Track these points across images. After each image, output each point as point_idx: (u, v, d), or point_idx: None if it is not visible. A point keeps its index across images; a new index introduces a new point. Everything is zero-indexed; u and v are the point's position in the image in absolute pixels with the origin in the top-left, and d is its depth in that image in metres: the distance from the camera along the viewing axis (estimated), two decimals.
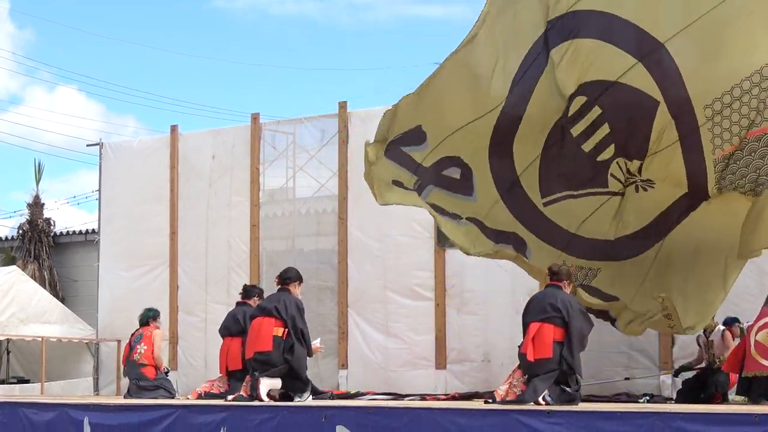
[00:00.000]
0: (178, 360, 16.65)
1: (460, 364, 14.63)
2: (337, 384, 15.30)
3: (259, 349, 10.93)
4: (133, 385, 13.17)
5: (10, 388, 17.76)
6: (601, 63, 9.33)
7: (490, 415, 8.79)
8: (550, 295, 10.21)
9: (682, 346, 13.27)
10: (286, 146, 16.46)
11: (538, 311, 10.13)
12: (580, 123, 9.68)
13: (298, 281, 11.44)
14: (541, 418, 8.38)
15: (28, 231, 22.44)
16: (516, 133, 9.97)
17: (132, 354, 13.29)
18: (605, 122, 9.59)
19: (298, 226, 16.21)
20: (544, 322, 10.02)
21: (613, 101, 9.43)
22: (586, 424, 8.14)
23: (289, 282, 11.33)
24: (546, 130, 9.89)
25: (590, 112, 9.57)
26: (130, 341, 13.51)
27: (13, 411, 11.94)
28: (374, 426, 9.12)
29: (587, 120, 9.61)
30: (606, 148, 9.78)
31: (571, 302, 10.16)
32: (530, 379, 9.92)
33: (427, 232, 14.97)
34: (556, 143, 9.93)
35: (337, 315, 15.49)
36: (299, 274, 11.53)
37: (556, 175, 10.23)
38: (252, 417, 9.94)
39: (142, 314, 13.66)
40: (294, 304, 11.09)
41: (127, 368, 13.45)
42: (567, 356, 9.93)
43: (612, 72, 9.32)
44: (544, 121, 9.83)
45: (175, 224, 17.05)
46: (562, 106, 9.61)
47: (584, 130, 9.71)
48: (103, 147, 18.04)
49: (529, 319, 10.17)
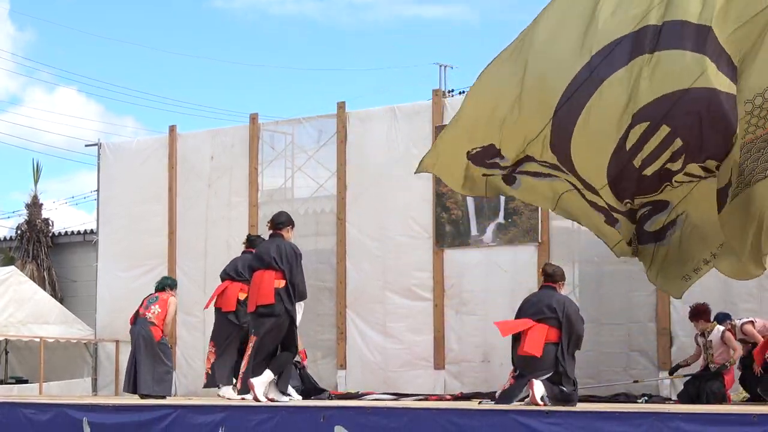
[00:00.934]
0: (176, 360, 16.65)
1: (458, 365, 14.64)
2: (335, 384, 15.32)
3: (261, 302, 10.92)
4: (141, 339, 13.28)
5: (9, 388, 17.77)
6: (676, 72, 9.04)
7: (489, 415, 8.79)
8: (545, 296, 10.17)
9: (680, 347, 13.29)
10: (285, 146, 16.48)
11: (533, 312, 10.08)
12: (643, 150, 9.34)
13: (291, 225, 11.41)
14: (539, 419, 8.38)
15: (27, 231, 22.45)
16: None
17: (145, 312, 13.39)
18: (677, 137, 9.30)
19: (296, 226, 16.11)
20: (539, 322, 9.99)
21: (687, 111, 9.09)
22: (584, 425, 8.14)
23: (281, 227, 11.29)
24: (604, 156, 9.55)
25: (654, 135, 9.25)
26: (143, 302, 13.59)
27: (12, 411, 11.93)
28: (373, 426, 9.12)
29: (651, 145, 9.28)
30: (676, 160, 9.50)
31: (567, 304, 10.12)
32: (520, 375, 9.91)
33: (426, 232, 14.99)
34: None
35: (336, 315, 15.50)
36: (291, 218, 11.47)
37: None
38: (251, 417, 9.94)
39: (159, 281, 13.87)
40: (291, 251, 11.07)
41: (135, 325, 13.46)
42: (561, 359, 9.90)
43: (685, 80, 9.01)
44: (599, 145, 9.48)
45: (173, 224, 17.06)
46: (622, 126, 9.26)
47: (649, 154, 9.40)
48: (102, 147, 18.05)
49: (523, 316, 10.16)
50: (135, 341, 13.43)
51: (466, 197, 14.62)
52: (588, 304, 13.77)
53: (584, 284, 13.97)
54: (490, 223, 14.58)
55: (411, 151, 15.18)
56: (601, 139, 9.27)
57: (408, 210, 15.20)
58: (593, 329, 13.86)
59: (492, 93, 9.64)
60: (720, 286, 13.01)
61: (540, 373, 9.79)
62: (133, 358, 13.47)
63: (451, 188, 11.28)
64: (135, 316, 13.56)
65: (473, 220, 14.69)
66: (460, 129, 9.97)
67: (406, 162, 15.23)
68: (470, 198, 14.64)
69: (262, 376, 10.86)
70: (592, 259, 14.00)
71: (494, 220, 14.54)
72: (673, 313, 13.37)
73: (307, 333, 14.66)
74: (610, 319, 13.78)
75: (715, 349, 12.33)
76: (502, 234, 14.42)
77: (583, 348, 13.68)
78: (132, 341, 13.52)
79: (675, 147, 9.24)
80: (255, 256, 11.36)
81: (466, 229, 14.70)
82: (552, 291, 10.25)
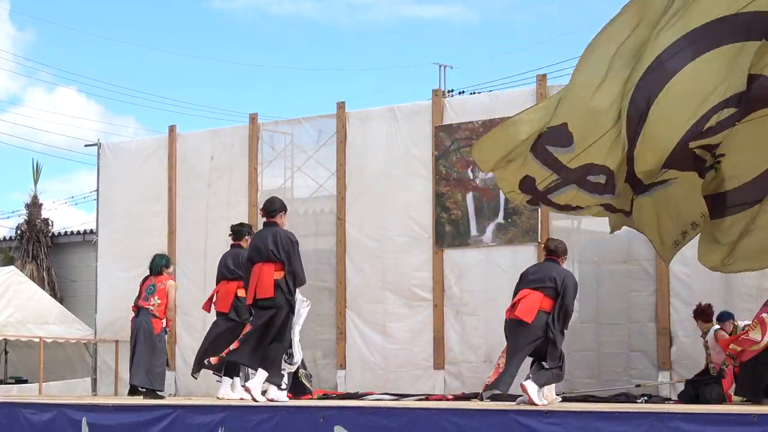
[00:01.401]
0: (176, 360, 16.65)
1: (458, 365, 14.63)
2: (335, 384, 15.31)
3: (262, 296, 10.76)
4: (141, 330, 13.25)
5: (8, 388, 17.77)
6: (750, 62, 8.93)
7: (489, 415, 8.80)
8: (546, 267, 10.33)
9: (680, 347, 13.29)
10: (285, 146, 16.48)
11: (532, 280, 10.23)
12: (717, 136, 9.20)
13: (284, 211, 11.15)
14: (539, 419, 8.38)
15: (27, 231, 22.46)
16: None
17: (145, 303, 13.29)
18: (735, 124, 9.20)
19: (296, 226, 16.12)
20: (535, 290, 10.11)
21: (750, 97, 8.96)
22: (584, 425, 8.14)
23: (275, 214, 11.06)
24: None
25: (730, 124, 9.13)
26: (142, 289, 13.45)
27: (11, 411, 11.93)
28: (372, 426, 9.12)
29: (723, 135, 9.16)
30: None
31: (567, 276, 10.23)
32: (509, 353, 10.02)
33: (425, 232, 14.99)
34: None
35: (335, 315, 15.49)
36: (283, 203, 11.22)
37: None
38: (250, 417, 9.94)
39: (153, 261, 13.52)
40: (287, 240, 10.87)
41: (137, 315, 13.38)
42: (552, 327, 10.00)
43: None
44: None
45: (173, 224, 17.06)
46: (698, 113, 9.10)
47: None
48: (101, 147, 18.05)
49: (522, 286, 10.28)
50: (135, 333, 13.39)
51: (466, 197, 14.62)
52: (588, 304, 13.79)
53: (584, 284, 13.95)
54: (489, 223, 14.57)
55: (411, 151, 15.20)
56: (678, 115, 9.07)
57: (408, 210, 15.19)
58: (593, 329, 13.87)
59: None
60: (720, 286, 13.02)
61: (527, 342, 9.93)
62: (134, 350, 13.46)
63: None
64: (137, 306, 13.51)
65: (473, 220, 14.68)
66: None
67: (405, 162, 15.25)
68: (470, 198, 14.65)
69: (256, 377, 10.79)
70: (591, 259, 14.01)
71: (494, 220, 14.54)
72: (672, 313, 13.37)
73: (307, 333, 14.64)
74: (609, 319, 13.78)
75: (711, 349, 12.33)
76: (502, 234, 14.41)
77: (582, 348, 13.83)
78: (132, 332, 13.47)
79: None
80: (252, 248, 11.11)
81: (466, 229, 14.70)
82: (554, 263, 10.35)
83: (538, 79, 14.40)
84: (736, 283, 12.92)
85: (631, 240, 13.62)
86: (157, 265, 13.46)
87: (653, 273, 13.49)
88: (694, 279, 13.19)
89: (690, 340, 13.09)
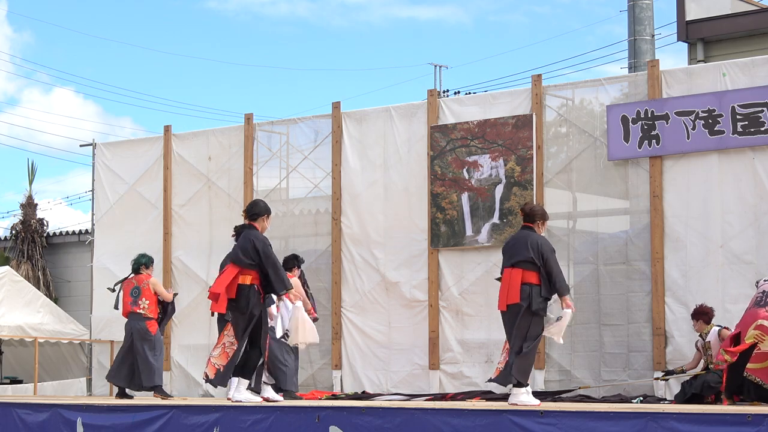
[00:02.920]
0: (172, 362, 16.61)
1: (454, 365, 14.62)
2: (331, 385, 15.30)
3: (230, 296, 10.61)
4: (136, 334, 13.42)
5: (3, 388, 17.76)
6: None
7: (483, 415, 8.80)
8: (521, 238, 10.29)
9: (676, 347, 13.28)
10: (280, 147, 16.46)
11: (509, 256, 10.26)
12: None
13: (266, 215, 10.91)
14: (533, 419, 8.39)
15: (22, 231, 22.43)
16: None
17: (134, 308, 13.54)
18: None
19: (292, 226, 16.20)
20: (514, 267, 10.13)
21: None
22: (579, 425, 8.15)
23: (256, 217, 10.84)
24: None
25: None
26: (126, 292, 13.68)
27: (6, 411, 11.93)
28: (367, 426, 9.12)
29: None
30: None
31: (541, 243, 10.18)
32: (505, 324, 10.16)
33: (421, 232, 14.98)
34: None
35: (331, 315, 15.48)
36: (268, 207, 10.99)
37: None
38: (245, 417, 9.94)
39: (135, 260, 13.92)
40: (262, 245, 10.61)
41: (129, 320, 13.63)
42: (546, 295, 10.06)
43: None
44: None
45: (168, 225, 17.03)
46: None
47: None
48: (97, 147, 18.03)
49: (503, 266, 10.31)
50: (129, 336, 13.51)
51: (461, 197, 14.62)
52: (585, 305, 13.77)
53: (581, 285, 13.96)
54: (485, 223, 14.56)
55: (406, 152, 15.19)
56: None
57: (403, 210, 15.19)
58: (590, 330, 13.86)
59: None
60: (714, 287, 13.02)
61: (518, 317, 10.01)
62: (129, 353, 13.51)
63: None
64: (126, 310, 13.64)
65: (468, 221, 14.67)
66: None
67: (401, 162, 15.24)
68: (465, 198, 14.64)
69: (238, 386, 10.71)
70: (588, 260, 13.99)
71: (489, 220, 14.53)
72: (668, 314, 13.37)
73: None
74: (606, 319, 13.76)
75: (713, 349, 12.30)
76: (497, 234, 14.40)
77: (581, 348, 13.81)
78: (126, 335, 13.61)
79: None
80: (232, 256, 10.94)
81: (461, 230, 14.69)
82: (528, 231, 10.32)
83: (534, 79, 14.40)
84: (732, 285, 12.93)
85: (627, 241, 13.63)
86: (137, 264, 13.81)
87: (648, 274, 13.48)
88: (688, 280, 13.20)
89: (685, 340, 13.09)
